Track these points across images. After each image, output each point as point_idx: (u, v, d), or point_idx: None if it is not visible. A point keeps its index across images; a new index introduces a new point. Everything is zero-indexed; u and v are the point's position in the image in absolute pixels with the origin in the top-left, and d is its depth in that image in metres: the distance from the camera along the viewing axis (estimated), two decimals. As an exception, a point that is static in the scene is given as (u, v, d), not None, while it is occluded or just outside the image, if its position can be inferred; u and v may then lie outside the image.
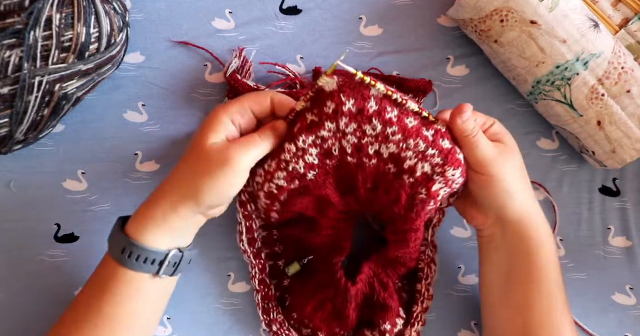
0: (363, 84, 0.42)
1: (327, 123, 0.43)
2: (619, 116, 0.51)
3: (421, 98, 0.58)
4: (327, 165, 0.46)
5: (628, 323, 0.59)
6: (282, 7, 0.58)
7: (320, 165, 0.45)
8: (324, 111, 0.43)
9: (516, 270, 0.49)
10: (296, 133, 0.45)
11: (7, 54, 0.46)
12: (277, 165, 0.46)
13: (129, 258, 0.44)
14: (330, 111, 0.43)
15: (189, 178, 0.45)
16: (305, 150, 0.44)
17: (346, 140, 0.44)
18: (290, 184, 0.46)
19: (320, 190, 0.47)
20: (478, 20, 0.53)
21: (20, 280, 0.57)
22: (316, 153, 0.45)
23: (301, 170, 0.45)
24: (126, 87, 0.57)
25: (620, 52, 0.52)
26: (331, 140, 0.44)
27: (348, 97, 0.42)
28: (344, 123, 0.43)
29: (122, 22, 0.51)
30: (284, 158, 0.45)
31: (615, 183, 0.60)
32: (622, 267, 0.59)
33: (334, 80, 0.43)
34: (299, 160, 0.45)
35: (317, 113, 0.44)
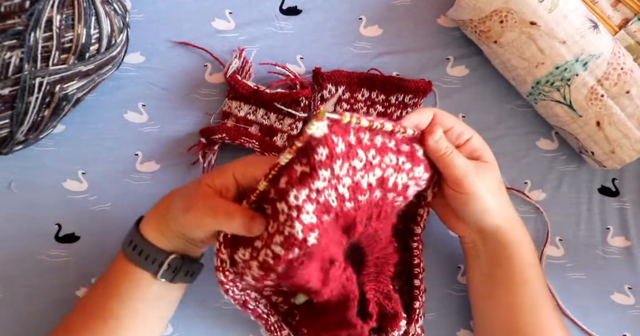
0: (349, 123, 0.37)
1: (322, 171, 0.36)
2: (618, 117, 0.52)
3: (421, 99, 0.58)
4: (326, 222, 0.38)
5: (627, 323, 0.59)
6: (282, 7, 0.58)
7: (319, 224, 0.38)
8: (315, 159, 0.36)
9: (499, 274, 0.50)
10: (285, 189, 0.37)
11: (7, 55, 0.46)
12: (275, 230, 0.38)
13: (133, 251, 0.46)
14: (323, 158, 0.36)
15: (173, 205, 0.44)
16: (300, 208, 0.36)
17: (342, 185, 0.38)
18: (288, 253, 0.37)
19: (324, 253, 0.40)
20: (478, 21, 0.53)
21: (20, 280, 0.57)
22: (313, 210, 0.37)
23: (299, 235, 0.37)
24: (126, 87, 0.57)
25: (620, 53, 0.52)
26: (327, 190, 0.37)
27: (338, 137, 0.37)
28: (338, 167, 0.37)
29: (122, 23, 0.51)
30: (280, 220, 0.37)
31: (615, 184, 0.60)
32: (621, 267, 0.59)
33: (324, 123, 0.36)
34: (294, 222, 0.36)
35: (307, 162, 0.36)
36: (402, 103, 0.58)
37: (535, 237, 0.59)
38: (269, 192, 0.39)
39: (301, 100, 0.56)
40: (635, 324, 0.59)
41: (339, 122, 0.36)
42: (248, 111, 0.57)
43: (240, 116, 0.57)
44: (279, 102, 0.56)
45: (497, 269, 0.50)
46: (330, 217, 0.38)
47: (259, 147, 0.56)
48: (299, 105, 0.56)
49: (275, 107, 0.56)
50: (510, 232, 0.49)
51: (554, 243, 0.59)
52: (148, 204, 0.57)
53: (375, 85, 0.57)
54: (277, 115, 0.57)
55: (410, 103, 0.58)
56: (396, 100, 0.58)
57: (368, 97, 0.58)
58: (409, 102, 0.58)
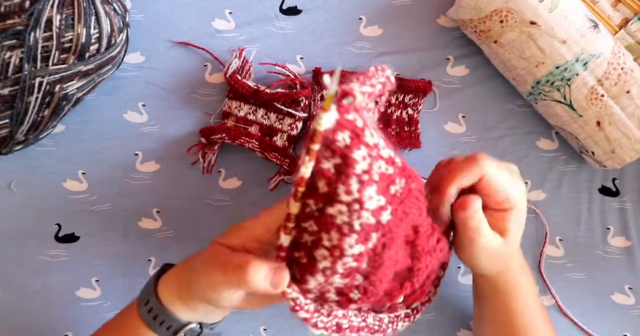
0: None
1: (356, 152, 0.32)
2: (618, 116, 0.51)
3: (421, 99, 0.58)
4: (398, 192, 0.34)
5: (627, 323, 0.59)
6: (282, 7, 0.58)
7: (390, 199, 0.34)
8: (340, 146, 0.31)
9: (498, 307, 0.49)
10: (329, 191, 0.32)
11: (7, 55, 0.46)
12: (340, 234, 0.33)
13: (148, 313, 0.42)
14: (348, 141, 0.31)
15: (195, 275, 0.40)
16: (360, 200, 0.32)
17: (382, 148, 0.33)
18: (367, 244, 0.33)
19: (403, 223, 0.36)
20: (478, 20, 0.53)
21: (20, 280, 0.57)
22: (376, 191, 0.33)
23: (371, 220, 0.33)
24: (126, 87, 0.57)
25: (620, 53, 0.52)
26: (375, 163, 0.32)
27: (352, 114, 0.31)
28: (369, 136, 0.32)
29: (122, 23, 0.51)
30: (341, 221, 0.33)
31: (615, 184, 0.60)
32: (622, 267, 0.59)
33: (332, 113, 0.31)
34: (361, 212, 0.32)
35: (333, 154, 0.32)
36: (402, 103, 0.58)
37: (535, 237, 0.59)
38: (304, 211, 0.34)
39: (301, 100, 0.56)
40: (636, 324, 0.59)
41: (345, 105, 0.32)
42: (248, 111, 0.57)
43: (240, 116, 0.57)
44: (279, 102, 0.56)
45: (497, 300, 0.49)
46: (400, 184, 0.34)
47: (259, 147, 0.56)
48: (299, 105, 0.56)
49: (275, 107, 0.56)
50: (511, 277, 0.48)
51: (554, 243, 0.59)
52: (148, 204, 0.58)
53: (375, 85, 0.57)
54: (277, 115, 0.57)
55: (411, 103, 0.58)
56: (396, 100, 0.58)
57: (368, 97, 0.58)
58: (409, 101, 0.58)
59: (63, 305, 0.58)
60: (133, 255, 0.58)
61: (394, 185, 0.34)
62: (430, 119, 0.59)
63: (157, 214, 0.58)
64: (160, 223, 0.58)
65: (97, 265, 0.58)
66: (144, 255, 0.58)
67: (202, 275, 0.38)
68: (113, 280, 0.58)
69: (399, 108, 0.58)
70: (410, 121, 0.58)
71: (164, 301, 0.42)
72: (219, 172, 0.58)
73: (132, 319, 0.43)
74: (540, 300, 0.50)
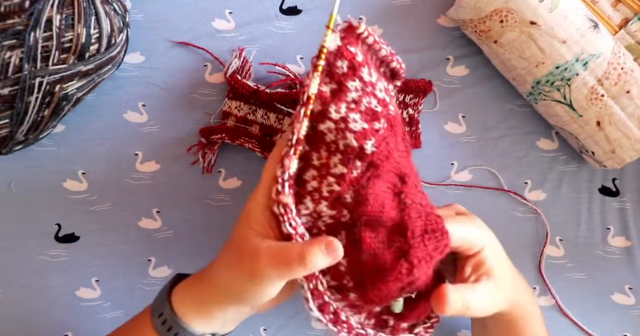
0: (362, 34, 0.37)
1: (350, 83, 0.35)
2: (618, 116, 0.51)
3: (421, 99, 0.58)
4: (381, 130, 0.36)
5: (627, 323, 0.59)
6: (282, 7, 0.58)
7: (373, 131, 0.36)
8: (338, 73, 0.35)
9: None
10: (322, 110, 0.35)
11: (7, 55, 0.46)
12: (328, 152, 0.36)
13: (162, 325, 0.42)
14: (345, 70, 0.35)
15: (228, 282, 0.40)
16: (346, 118, 0.35)
17: (379, 90, 0.36)
18: (351, 169, 0.36)
19: (389, 166, 0.37)
20: (478, 20, 0.53)
21: (20, 280, 0.57)
22: (360, 118, 0.35)
23: (354, 142, 0.35)
24: (126, 87, 0.57)
25: (620, 53, 0.52)
26: (365, 98, 0.35)
27: (355, 47, 0.35)
28: (367, 74, 0.35)
29: (122, 23, 0.51)
30: (329, 139, 0.36)
31: (615, 184, 0.60)
32: (622, 267, 0.59)
33: (336, 35, 0.35)
34: (345, 133, 0.35)
35: (330, 80, 0.36)
36: (403, 103, 0.58)
37: (535, 237, 0.59)
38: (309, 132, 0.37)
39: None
40: (636, 324, 0.59)
41: (352, 31, 0.35)
42: (248, 111, 0.57)
43: (240, 116, 0.57)
44: (279, 102, 0.56)
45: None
46: (383, 125, 0.36)
47: (259, 147, 0.56)
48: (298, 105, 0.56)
49: (275, 107, 0.56)
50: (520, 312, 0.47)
51: (554, 243, 0.59)
52: (148, 204, 0.58)
53: (375, 85, 0.57)
54: (277, 115, 0.57)
55: (411, 103, 0.58)
56: (397, 100, 0.58)
57: (368, 96, 0.58)
58: (409, 101, 0.58)
59: (63, 305, 0.58)
60: (133, 255, 0.58)
61: (378, 122, 0.36)
62: (430, 119, 0.59)
63: (157, 214, 0.58)
64: (160, 223, 0.58)
65: (97, 265, 0.58)
66: (144, 255, 0.58)
67: (258, 278, 0.37)
68: (113, 280, 0.58)
69: (399, 108, 0.58)
70: (411, 121, 0.58)
71: (178, 312, 0.41)
72: (219, 172, 0.58)
73: (144, 330, 0.43)
74: (547, 329, 0.49)
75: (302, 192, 0.37)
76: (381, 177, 0.36)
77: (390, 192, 0.37)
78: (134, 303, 0.58)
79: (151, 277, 0.58)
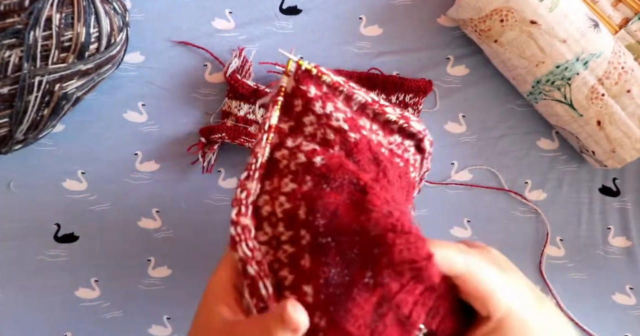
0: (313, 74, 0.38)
1: (305, 118, 0.37)
2: (619, 116, 0.51)
3: (422, 98, 0.58)
4: (335, 153, 0.37)
5: (628, 323, 0.59)
6: (282, 7, 0.58)
7: (324, 152, 0.36)
8: (295, 111, 0.37)
9: None
10: (279, 142, 0.37)
11: (7, 53, 0.46)
12: (279, 177, 0.37)
13: None
14: (300, 108, 0.37)
15: None
16: (299, 145, 0.37)
17: (335, 119, 0.37)
18: (301, 184, 0.36)
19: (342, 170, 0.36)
20: (478, 20, 0.53)
21: (19, 280, 0.57)
22: (313, 144, 0.37)
23: (303, 159, 0.36)
24: (126, 87, 0.57)
25: (621, 52, 0.52)
26: (320, 130, 0.37)
27: (308, 85, 0.37)
28: (320, 107, 0.37)
29: (122, 22, 0.51)
30: (282, 165, 0.37)
31: (615, 183, 0.60)
32: (622, 267, 0.59)
33: (290, 78, 0.37)
34: (298, 153, 0.36)
35: (288, 119, 0.38)
36: (403, 103, 0.58)
37: (536, 237, 0.59)
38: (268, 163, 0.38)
39: (301, 99, 0.56)
40: (637, 324, 0.59)
41: (308, 72, 0.37)
42: (248, 110, 0.57)
43: (240, 115, 0.57)
44: (279, 101, 0.56)
45: None
46: (337, 151, 0.37)
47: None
48: (299, 105, 0.56)
49: (275, 107, 0.56)
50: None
51: (554, 243, 0.59)
52: (148, 204, 0.58)
53: (375, 84, 0.57)
54: (277, 114, 0.57)
55: (411, 103, 0.58)
56: (397, 99, 0.58)
57: (368, 96, 0.58)
58: (409, 101, 0.58)
59: (62, 305, 0.58)
60: (133, 255, 0.58)
61: (331, 149, 0.37)
62: (430, 119, 0.59)
63: (157, 214, 0.58)
64: (160, 223, 0.58)
65: (96, 265, 0.58)
66: (143, 255, 0.58)
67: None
68: (112, 280, 0.58)
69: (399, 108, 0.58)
70: (411, 121, 0.58)
71: None
72: (219, 171, 0.58)
73: None
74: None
75: (259, 217, 0.37)
76: (334, 188, 0.36)
77: (347, 200, 0.36)
78: (134, 303, 0.58)
79: (151, 277, 0.58)
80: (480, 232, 0.59)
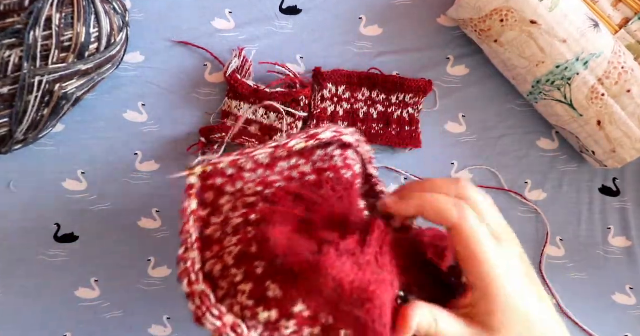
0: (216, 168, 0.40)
1: (220, 201, 0.40)
2: (619, 116, 0.51)
3: (421, 98, 0.58)
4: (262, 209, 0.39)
5: (628, 323, 0.59)
6: (282, 7, 0.58)
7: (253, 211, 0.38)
8: (209, 201, 0.40)
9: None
10: (206, 223, 0.40)
11: (7, 53, 0.46)
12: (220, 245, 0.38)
13: None
14: (213, 197, 0.40)
15: None
16: (227, 219, 0.39)
17: (248, 189, 0.40)
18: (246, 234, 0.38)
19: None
20: (478, 20, 0.53)
21: (20, 280, 0.57)
22: (240, 214, 0.39)
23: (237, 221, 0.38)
24: (126, 87, 0.57)
25: (621, 52, 0.52)
26: (239, 202, 0.39)
27: (212, 178, 0.40)
28: (230, 187, 0.40)
29: (122, 22, 0.51)
30: (216, 237, 0.39)
31: (616, 183, 0.60)
32: (622, 267, 0.59)
33: (194, 177, 0.39)
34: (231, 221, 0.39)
35: (205, 207, 0.40)
36: (403, 103, 0.58)
37: (536, 237, 0.59)
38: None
39: (301, 99, 0.56)
40: (637, 324, 0.58)
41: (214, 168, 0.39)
42: (248, 110, 0.57)
43: (240, 116, 0.57)
44: (279, 101, 0.56)
45: None
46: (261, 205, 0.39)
47: (259, 147, 0.56)
48: (299, 105, 0.56)
49: (275, 107, 0.56)
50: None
51: (554, 243, 0.59)
52: (148, 204, 0.58)
53: (375, 84, 0.57)
54: (277, 114, 0.57)
55: (411, 103, 0.58)
56: (397, 99, 0.58)
57: (369, 96, 0.58)
58: (409, 101, 0.58)
59: (62, 305, 0.57)
60: (133, 255, 0.58)
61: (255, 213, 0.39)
62: (430, 119, 0.59)
63: (156, 214, 0.58)
64: (160, 223, 0.58)
65: (96, 265, 0.58)
66: (143, 255, 0.58)
67: None
68: (113, 280, 0.58)
69: (399, 108, 0.58)
70: (411, 121, 0.58)
71: None
72: (219, 171, 0.58)
73: None
74: None
75: (212, 278, 0.37)
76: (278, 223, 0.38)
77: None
78: (134, 304, 0.58)
79: (151, 277, 0.58)
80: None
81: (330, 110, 0.57)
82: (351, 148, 0.44)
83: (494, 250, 0.33)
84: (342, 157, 0.43)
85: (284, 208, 0.38)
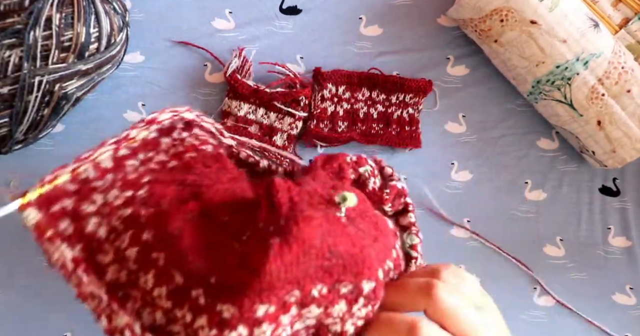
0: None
1: (91, 220, 0.36)
2: (619, 116, 0.51)
3: (422, 98, 0.58)
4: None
5: (629, 323, 0.59)
6: (282, 7, 0.58)
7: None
8: (76, 227, 0.36)
9: None
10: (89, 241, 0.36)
11: (7, 53, 0.46)
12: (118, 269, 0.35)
13: None
14: (72, 230, 0.36)
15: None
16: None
17: (113, 197, 0.36)
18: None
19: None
20: (478, 20, 0.53)
21: (20, 280, 0.57)
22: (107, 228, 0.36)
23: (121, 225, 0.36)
24: (126, 87, 0.57)
25: (621, 52, 0.52)
26: (110, 208, 0.36)
27: (57, 201, 0.35)
28: (89, 205, 0.37)
29: (122, 22, 0.51)
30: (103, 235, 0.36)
31: (616, 183, 0.60)
32: (622, 267, 0.59)
33: (33, 212, 0.34)
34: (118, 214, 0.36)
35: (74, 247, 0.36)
36: (403, 103, 0.58)
37: (535, 237, 0.59)
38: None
39: (301, 99, 0.56)
40: (637, 324, 0.58)
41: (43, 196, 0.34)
42: (248, 110, 0.57)
43: (240, 115, 0.57)
44: (279, 101, 0.56)
45: None
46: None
47: (259, 147, 0.56)
48: (299, 105, 0.56)
49: (275, 107, 0.56)
50: None
51: (554, 243, 0.59)
52: (147, 204, 0.58)
53: (375, 84, 0.57)
54: (277, 114, 0.57)
55: (411, 103, 0.58)
56: (397, 99, 0.58)
57: (368, 96, 0.58)
58: (409, 101, 0.58)
59: (63, 305, 0.57)
60: (132, 255, 0.58)
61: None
62: (430, 119, 0.59)
63: (156, 214, 0.58)
64: (159, 223, 0.58)
65: (96, 265, 0.57)
66: (143, 255, 0.58)
67: None
68: (112, 280, 0.58)
69: (399, 108, 0.58)
70: (411, 121, 0.58)
71: None
72: (219, 171, 0.58)
73: None
74: None
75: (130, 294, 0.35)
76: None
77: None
78: (134, 303, 0.58)
79: (151, 277, 0.58)
80: (480, 232, 0.59)
81: (330, 110, 0.57)
82: (194, 126, 0.40)
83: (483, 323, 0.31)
84: (192, 137, 0.40)
85: (174, 208, 0.34)
